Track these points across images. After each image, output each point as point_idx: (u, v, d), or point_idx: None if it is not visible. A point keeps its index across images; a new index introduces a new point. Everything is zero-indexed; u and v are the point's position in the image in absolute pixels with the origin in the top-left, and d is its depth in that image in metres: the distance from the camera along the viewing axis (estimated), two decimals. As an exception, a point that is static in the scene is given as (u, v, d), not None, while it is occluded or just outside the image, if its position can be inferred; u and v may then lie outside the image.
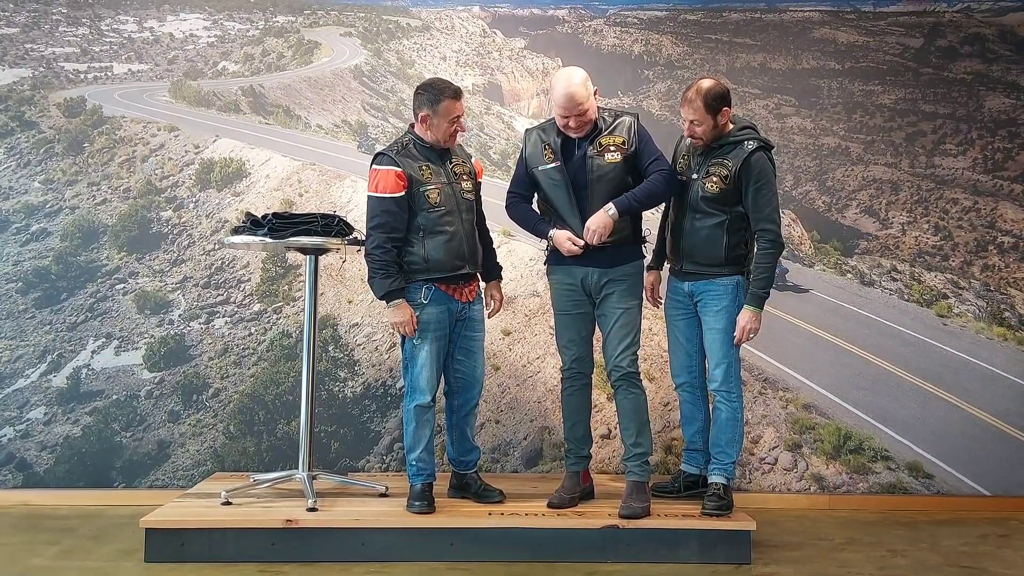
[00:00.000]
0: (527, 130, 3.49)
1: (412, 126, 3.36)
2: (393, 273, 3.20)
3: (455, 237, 3.25)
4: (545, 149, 3.32)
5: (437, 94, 3.25)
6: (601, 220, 3.20)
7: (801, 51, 4.55)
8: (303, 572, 3.02)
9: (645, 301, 3.44)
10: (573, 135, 3.27)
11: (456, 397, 3.42)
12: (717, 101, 3.20)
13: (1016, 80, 4.51)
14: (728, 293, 3.28)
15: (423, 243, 3.22)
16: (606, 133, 3.28)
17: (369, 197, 3.25)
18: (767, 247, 3.22)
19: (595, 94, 3.27)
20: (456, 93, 3.27)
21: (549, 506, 3.31)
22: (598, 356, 3.46)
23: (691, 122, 3.23)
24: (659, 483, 3.55)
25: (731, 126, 3.30)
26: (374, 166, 3.27)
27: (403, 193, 3.19)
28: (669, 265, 3.47)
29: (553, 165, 3.29)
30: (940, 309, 4.36)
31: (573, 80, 3.21)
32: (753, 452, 4.18)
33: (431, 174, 3.24)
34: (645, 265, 3.43)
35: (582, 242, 3.24)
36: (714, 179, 3.23)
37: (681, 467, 3.57)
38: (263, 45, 4.54)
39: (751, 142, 3.23)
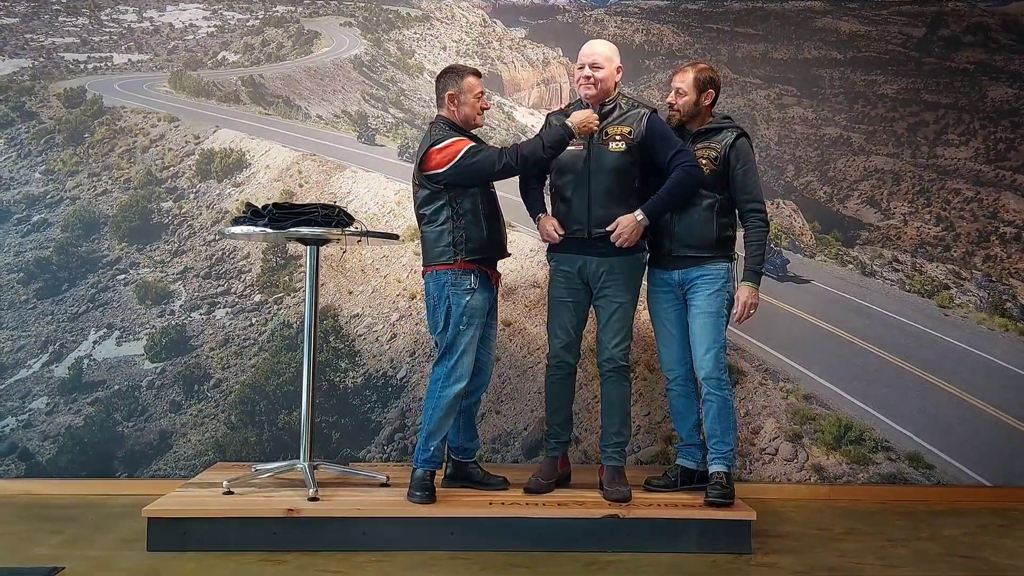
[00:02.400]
0: (549, 113, 3.56)
1: (438, 117, 3.36)
2: (531, 138, 3.30)
3: (500, 219, 3.36)
4: None
5: (460, 72, 3.35)
6: (629, 224, 3.24)
7: (803, 41, 4.54)
8: (304, 561, 3.03)
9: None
10: (581, 93, 3.35)
11: (468, 383, 3.41)
12: (707, 82, 3.38)
13: (1019, 70, 4.49)
14: (720, 278, 3.33)
15: (482, 225, 3.24)
16: (615, 122, 3.31)
17: (464, 154, 3.16)
18: (758, 224, 3.34)
19: (619, 71, 3.38)
20: (476, 72, 3.37)
21: (526, 491, 3.35)
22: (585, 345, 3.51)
23: (677, 90, 3.38)
24: (653, 477, 3.54)
25: (711, 117, 3.44)
26: (450, 139, 3.20)
27: None
28: (656, 254, 3.44)
29: (573, 148, 3.31)
30: (941, 300, 4.35)
31: (602, 40, 3.45)
32: (754, 443, 4.19)
33: None
34: (647, 258, 3.43)
35: (562, 232, 3.31)
36: (704, 162, 3.33)
37: (677, 462, 3.54)
38: (263, 35, 4.53)
39: (733, 130, 3.38)
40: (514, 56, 4.56)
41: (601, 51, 3.34)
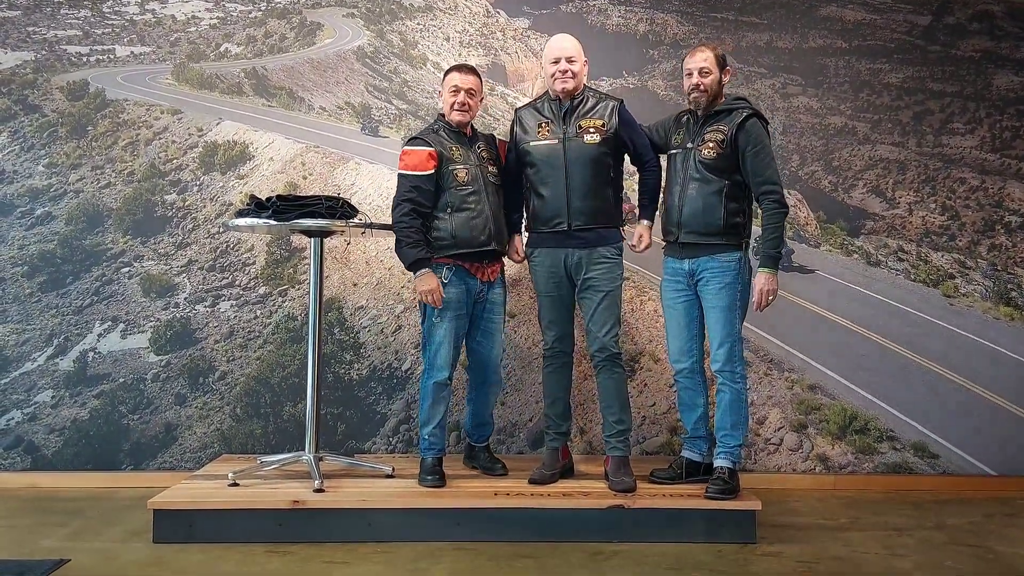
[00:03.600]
0: (517, 108, 3.58)
1: (440, 115, 3.47)
2: (419, 243, 3.29)
3: (481, 215, 3.34)
4: (541, 126, 3.39)
5: (447, 69, 3.49)
6: (648, 234, 3.45)
7: (808, 29, 4.51)
8: (310, 552, 3.04)
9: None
10: (558, 87, 3.36)
11: (474, 375, 3.56)
12: (724, 60, 3.35)
13: (1025, 58, 4.47)
14: (730, 270, 3.26)
15: (450, 219, 3.32)
16: (587, 115, 3.35)
17: (399, 175, 3.36)
18: (773, 207, 3.23)
19: (585, 65, 3.42)
20: (459, 67, 3.44)
21: (531, 482, 3.36)
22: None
23: (700, 70, 3.29)
24: (658, 469, 3.52)
25: (724, 97, 3.36)
26: (406, 147, 3.38)
27: (432, 172, 3.30)
28: (665, 243, 3.44)
29: (548, 141, 3.36)
30: (947, 289, 4.34)
31: (568, 35, 3.45)
32: (759, 433, 4.19)
33: (460, 155, 3.36)
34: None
35: (520, 257, 3.49)
36: (711, 145, 3.26)
37: (682, 454, 3.51)
38: (265, 27, 4.51)
39: (744, 110, 3.28)
40: (517, 47, 4.54)
41: (573, 45, 3.38)
